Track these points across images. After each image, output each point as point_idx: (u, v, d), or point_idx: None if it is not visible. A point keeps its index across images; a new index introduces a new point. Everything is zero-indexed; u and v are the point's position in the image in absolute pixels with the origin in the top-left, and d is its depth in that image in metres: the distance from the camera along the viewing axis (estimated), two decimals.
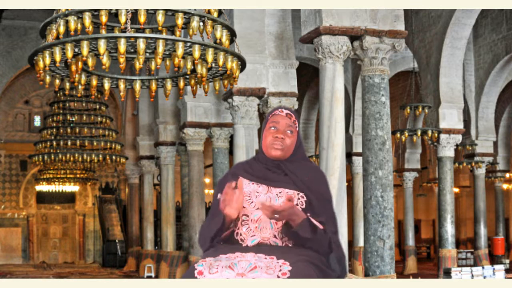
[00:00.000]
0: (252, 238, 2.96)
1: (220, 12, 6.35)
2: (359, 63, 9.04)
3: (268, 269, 2.74)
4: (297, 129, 3.09)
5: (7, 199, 27.79)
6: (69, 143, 17.36)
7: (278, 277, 2.73)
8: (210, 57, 5.97)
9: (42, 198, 27.99)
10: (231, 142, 11.96)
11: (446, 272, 11.00)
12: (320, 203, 3.00)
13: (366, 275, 8.77)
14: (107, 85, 6.66)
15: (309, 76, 19.48)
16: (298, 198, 3.00)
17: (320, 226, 2.92)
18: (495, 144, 20.72)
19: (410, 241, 20.55)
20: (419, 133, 14.33)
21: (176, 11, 5.81)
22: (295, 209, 2.85)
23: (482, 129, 18.45)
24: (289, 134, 3.05)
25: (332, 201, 3.08)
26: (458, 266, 15.51)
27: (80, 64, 6.11)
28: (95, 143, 17.86)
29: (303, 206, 2.99)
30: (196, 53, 5.87)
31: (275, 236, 2.96)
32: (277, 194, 3.01)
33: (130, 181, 22.96)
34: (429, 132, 14.14)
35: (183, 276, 2.84)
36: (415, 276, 16.80)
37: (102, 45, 5.69)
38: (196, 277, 2.77)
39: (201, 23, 6.03)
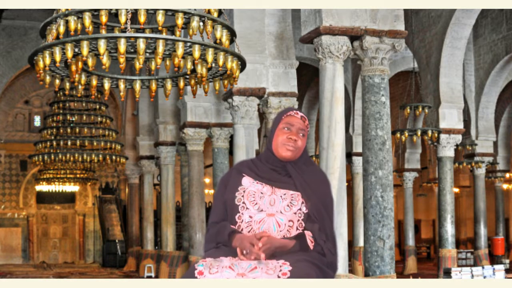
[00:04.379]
0: None
1: (220, 12, 6.35)
2: (359, 63, 9.03)
3: (268, 269, 2.75)
4: (308, 133, 3.11)
5: (7, 199, 27.79)
6: (69, 143, 17.36)
7: (279, 277, 2.73)
8: (210, 57, 5.96)
9: (42, 198, 27.99)
10: (231, 142, 11.96)
11: (446, 272, 11.00)
12: (321, 209, 3.00)
13: (366, 275, 8.77)
14: (107, 85, 6.66)
15: (309, 76, 19.49)
16: (302, 202, 3.00)
17: (311, 247, 2.94)
18: (495, 144, 20.72)
19: (410, 241, 20.54)
20: (419, 133, 14.33)
21: (176, 11, 5.80)
22: (283, 244, 2.88)
23: (482, 129, 18.45)
24: (301, 137, 3.05)
25: (333, 206, 3.09)
26: (458, 266, 15.51)
27: (80, 64, 6.11)
28: (95, 143, 17.86)
29: (305, 211, 2.99)
30: (196, 53, 5.87)
31: None
32: (281, 196, 3.01)
33: (130, 181, 22.96)
34: (429, 132, 14.13)
35: (183, 276, 2.84)
36: (415, 276, 16.80)
37: (102, 45, 5.69)
38: (196, 277, 2.78)
39: (201, 23, 6.03)
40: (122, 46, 5.66)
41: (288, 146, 3.02)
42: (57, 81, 6.76)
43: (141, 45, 5.67)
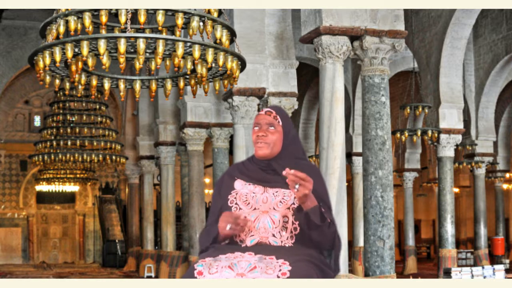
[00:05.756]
0: (251, 238, 2.97)
1: (220, 12, 6.35)
2: (359, 63, 9.04)
3: (267, 269, 2.74)
4: (281, 124, 3.05)
5: (7, 199, 27.79)
6: (69, 143, 17.36)
7: (278, 277, 2.73)
8: (210, 57, 5.96)
9: (42, 198, 27.98)
10: (231, 142, 11.97)
11: (446, 272, 11.00)
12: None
13: (366, 275, 8.77)
14: (107, 85, 6.66)
15: (309, 76, 19.48)
16: (295, 197, 2.99)
17: (328, 219, 2.91)
18: (495, 144, 20.71)
19: (410, 241, 20.54)
20: (419, 133, 14.33)
21: (176, 11, 5.80)
22: (311, 195, 2.83)
23: (482, 129, 18.45)
24: (272, 130, 3.03)
25: (328, 197, 3.07)
26: (458, 266, 15.50)
27: (80, 64, 6.11)
28: (95, 143, 17.87)
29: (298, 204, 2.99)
30: (196, 53, 5.87)
31: (273, 235, 2.96)
32: (273, 194, 3.02)
33: (130, 181, 22.96)
34: (429, 132, 14.14)
35: (183, 276, 2.84)
36: (415, 276, 16.80)
37: (102, 45, 5.69)
38: (196, 277, 2.78)
39: (201, 23, 6.03)
40: (122, 46, 5.66)
41: (259, 143, 3.02)
42: (57, 81, 6.76)
43: (141, 45, 5.67)
